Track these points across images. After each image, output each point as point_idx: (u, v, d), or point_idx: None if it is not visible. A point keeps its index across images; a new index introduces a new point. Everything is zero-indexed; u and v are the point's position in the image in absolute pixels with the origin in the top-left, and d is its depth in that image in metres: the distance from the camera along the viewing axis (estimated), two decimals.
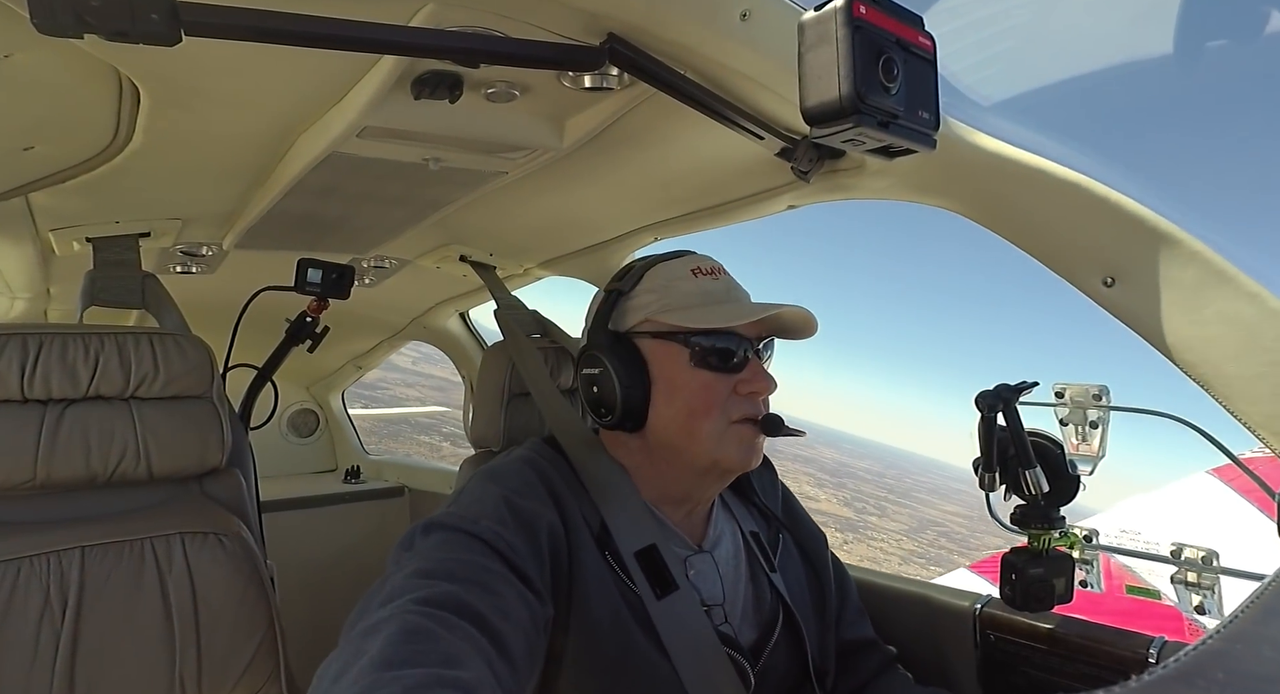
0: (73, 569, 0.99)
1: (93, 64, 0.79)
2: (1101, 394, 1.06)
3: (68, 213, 1.33)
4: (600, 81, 0.89)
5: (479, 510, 0.83)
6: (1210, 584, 1.02)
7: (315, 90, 0.93)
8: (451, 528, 0.79)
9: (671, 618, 0.87)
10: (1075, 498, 1.04)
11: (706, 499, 1.00)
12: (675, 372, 0.92)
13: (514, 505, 0.84)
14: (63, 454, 1.05)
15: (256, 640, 1.09)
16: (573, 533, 0.88)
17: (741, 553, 1.02)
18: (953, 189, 0.97)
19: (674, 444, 0.93)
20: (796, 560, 1.07)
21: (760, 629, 0.98)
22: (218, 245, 1.64)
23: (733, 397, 0.92)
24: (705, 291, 0.95)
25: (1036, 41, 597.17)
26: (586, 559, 0.87)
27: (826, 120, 0.57)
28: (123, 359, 1.09)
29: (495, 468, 0.94)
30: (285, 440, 2.99)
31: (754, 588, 1.00)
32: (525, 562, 0.79)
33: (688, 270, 0.97)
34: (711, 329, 0.91)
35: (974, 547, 36.57)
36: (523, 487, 0.89)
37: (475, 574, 0.73)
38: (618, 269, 1.06)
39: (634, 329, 0.96)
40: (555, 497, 0.90)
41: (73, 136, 1.03)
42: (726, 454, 0.91)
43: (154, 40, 0.57)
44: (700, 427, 0.90)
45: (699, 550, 0.97)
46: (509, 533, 0.80)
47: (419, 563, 0.73)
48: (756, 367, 0.94)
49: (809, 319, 0.94)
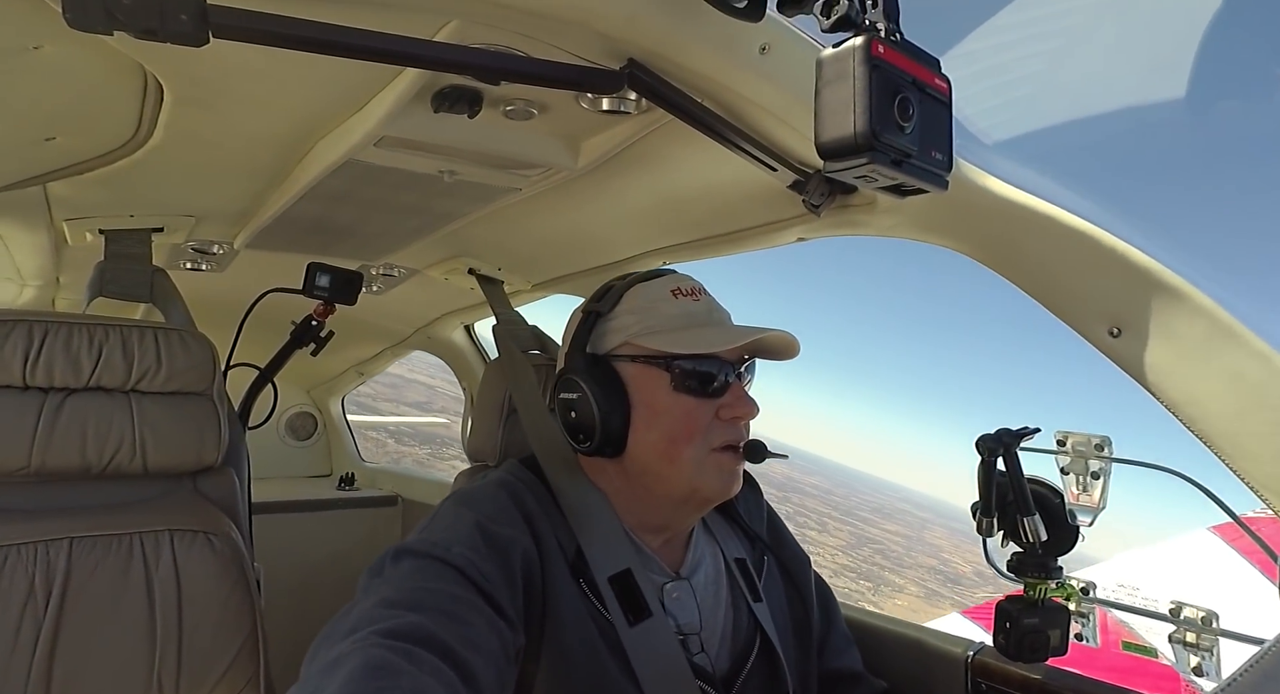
0: (60, 559, 0.99)
1: (119, 60, 0.81)
2: (1104, 444, 1.05)
3: (84, 204, 1.34)
4: (618, 105, 0.89)
5: (451, 536, 0.81)
6: (1209, 645, 1.00)
7: (336, 97, 0.94)
8: (423, 554, 0.77)
9: (644, 646, 0.85)
10: (1074, 548, 1.02)
11: (686, 527, 0.99)
12: (656, 397, 0.90)
13: (487, 531, 0.82)
14: (59, 443, 1.05)
15: (239, 643, 1.08)
16: (547, 559, 0.86)
17: (722, 577, 1.00)
18: (962, 230, 0.97)
19: (654, 471, 0.91)
20: (779, 583, 1.06)
21: (735, 659, 0.95)
22: (229, 244, 1.65)
23: (714, 422, 0.90)
24: (687, 313, 0.93)
25: (1052, 89, 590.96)
26: (560, 586, 0.85)
27: (840, 155, 0.57)
28: (126, 351, 1.10)
29: (470, 492, 0.92)
30: (282, 442, 2.98)
31: (733, 614, 0.98)
32: (497, 589, 0.77)
33: (668, 291, 0.95)
34: (684, 354, 0.89)
35: (907, 564, 38.29)
36: (497, 512, 0.87)
37: (444, 603, 0.71)
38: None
39: (613, 352, 0.93)
40: (530, 522, 0.88)
41: (95, 129, 1.04)
42: (706, 482, 0.89)
43: (182, 40, 0.58)
44: (681, 453, 0.88)
45: (676, 578, 0.95)
46: (481, 559, 0.78)
47: (387, 591, 0.72)
48: (739, 391, 0.92)
49: (790, 342, 0.93)
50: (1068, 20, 72.98)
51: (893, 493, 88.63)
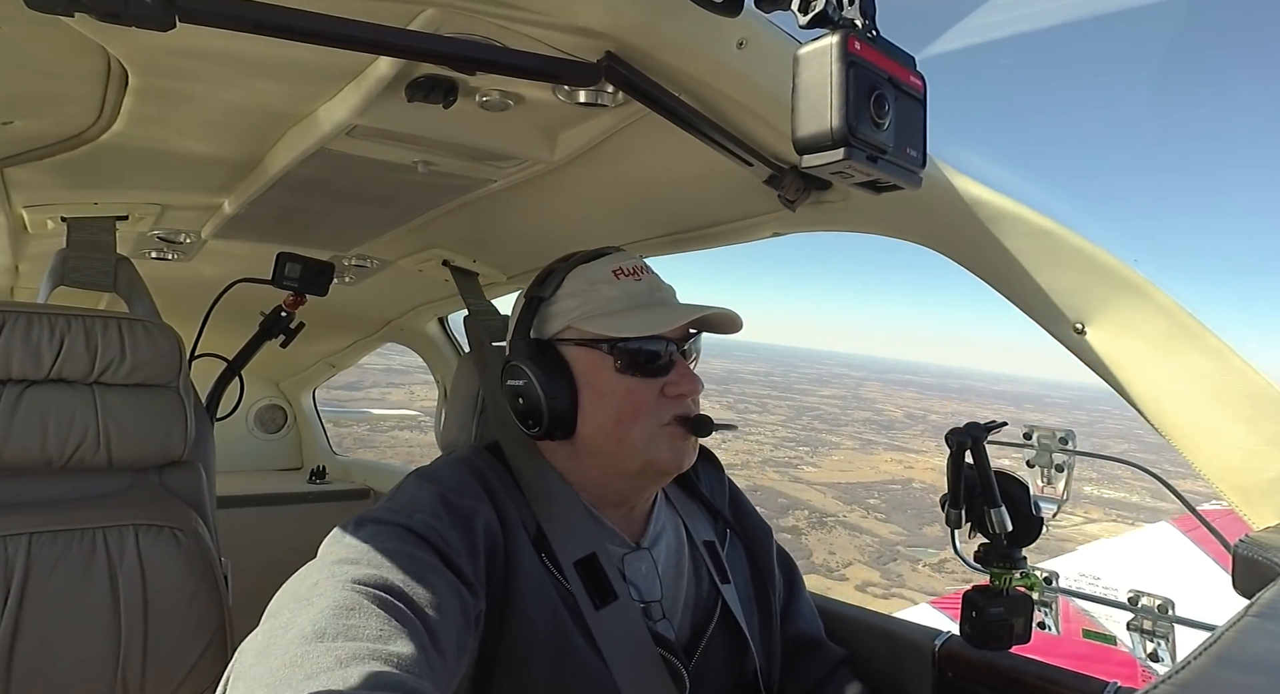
0: (18, 555, 0.96)
1: (81, 43, 0.78)
2: (1067, 438, 1.07)
3: (44, 190, 1.30)
4: (595, 97, 0.89)
5: (413, 505, 0.82)
6: (1165, 632, 1.04)
7: (308, 85, 0.92)
8: (385, 521, 0.78)
9: (609, 625, 0.87)
10: (1038, 539, 1.05)
11: (645, 499, 1.00)
12: (601, 379, 0.91)
13: (449, 502, 0.84)
14: (18, 435, 1.02)
15: (206, 640, 1.06)
16: (510, 533, 0.87)
17: (684, 549, 1.02)
18: (933, 228, 0.99)
19: (605, 450, 0.92)
20: (741, 556, 1.07)
21: (695, 628, 0.97)
22: (196, 233, 1.62)
23: (660, 399, 0.91)
24: (628, 294, 0.94)
25: (1024, 87, 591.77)
26: (524, 560, 0.86)
27: (816, 150, 0.58)
28: (89, 342, 1.07)
29: (431, 469, 0.93)
30: (251, 435, 2.94)
31: (695, 584, 1.00)
32: (458, 554, 0.78)
33: (609, 272, 0.95)
34: (626, 336, 0.91)
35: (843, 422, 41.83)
36: (459, 486, 0.88)
37: (405, 564, 0.72)
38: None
39: (557, 336, 0.94)
40: (492, 496, 0.89)
41: (55, 114, 1.01)
42: (659, 456, 0.91)
43: (147, 24, 0.56)
44: (629, 432, 0.90)
45: (636, 548, 0.96)
46: (443, 526, 0.80)
47: (348, 553, 0.73)
48: (683, 368, 0.93)
49: (732, 318, 0.95)
50: (1040, 20, 74.71)
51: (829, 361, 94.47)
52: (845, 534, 23.88)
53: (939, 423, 44.01)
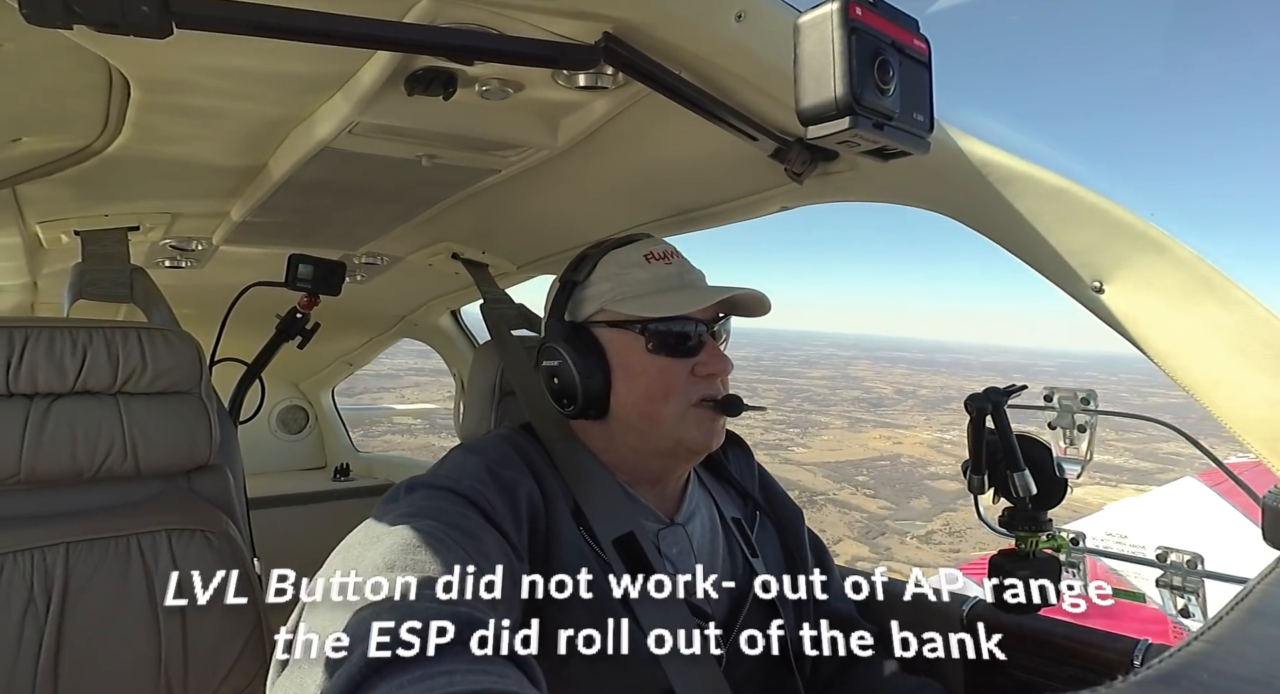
0: (57, 565, 0.98)
1: (82, 55, 0.79)
2: (1089, 399, 1.06)
3: (56, 205, 1.32)
4: (595, 80, 0.89)
5: (461, 473, 0.85)
6: (1194, 588, 1.03)
7: (308, 85, 0.92)
8: (435, 486, 0.81)
9: (649, 603, 0.88)
10: (1063, 501, 1.04)
11: (678, 477, 1.02)
12: (633, 359, 0.94)
13: (494, 472, 0.86)
14: (49, 449, 1.04)
15: (244, 639, 1.08)
16: (551, 505, 0.89)
17: (718, 528, 1.03)
18: (944, 193, 0.98)
19: (637, 428, 0.95)
20: (773, 538, 1.08)
21: (733, 605, 0.98)
22: (208, 240, 1.63)
23: (691, 379, 0.93)
24: (658, 278, 0.96)
25: (1034, 45, 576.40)
26: (564, 531, 0.88)
27: (821, 121, 0.57)
28: (110, 353, 1.08)
29: (475, 443, 0.96)
30: (274, 437, 2.97)
31: (730, 564, 1.01)
32: (504, 521, 0.81)
33: (640, 256, 0.97)
34: (656, 316, 0.93)
35: (833, 402, 42.40)
36: (502, 458, 0.91)
37: (459, 521, 0.75)
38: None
39: (590, 319, 0.97)
40: (534, 471, 0.92)
41: (62, 129, 1.02)
42: (689, 435, 0.93)
43: (144, 32, 0.56)
44: (660, 411, 0.93)
45: (671, 524, 0.98)
46: (490, 493, 0.82)
47: (404, 510, 0.76)
48: (713, 349, 0.95)
49: (761, 299, 0.97)
50: None
51: (820, 341, 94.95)
52: (835, 511, 24.27)
53: (928, 397, 44.34)
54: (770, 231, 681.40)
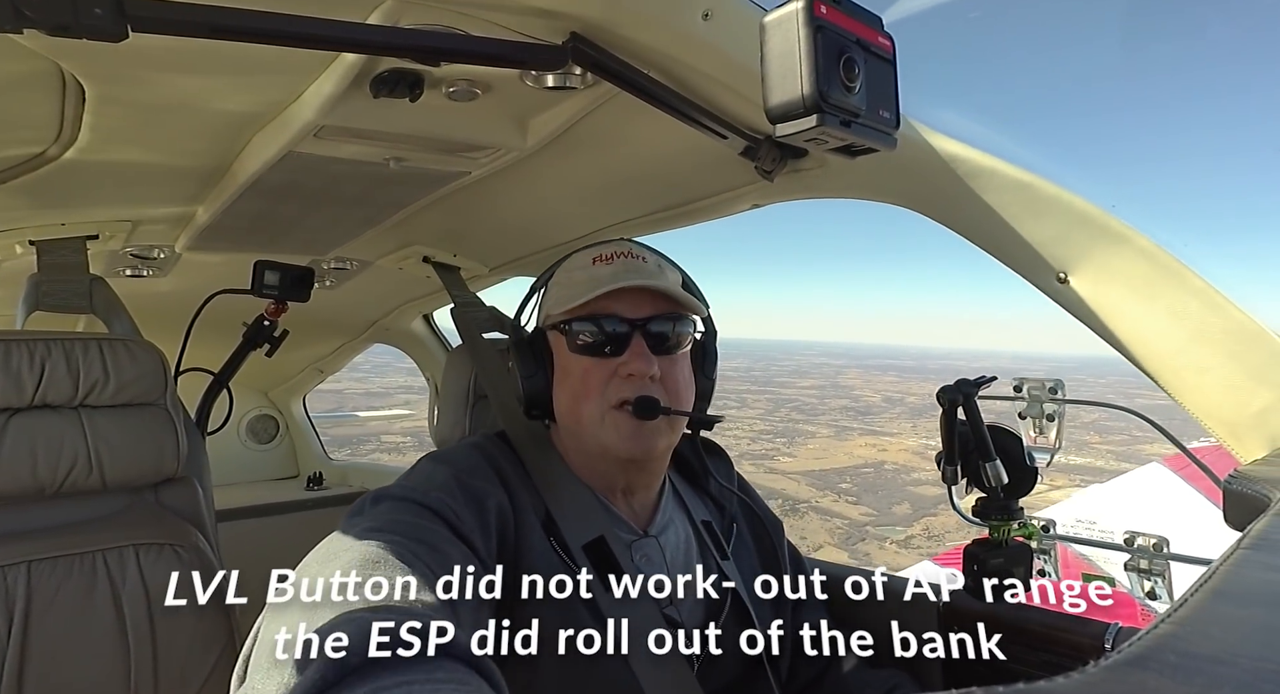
0: (18, 585, 0.95)
1: (34, 60, 0.77)
2: (1057, 388, 1.09)
3: (10, 215, 1.28)
4: (563, 81, 0.88)
5: (428, 484, 0.84)
6: (1161, 570, 1.06)
7: (270, 88, 0.91)
8: (400, 498, 0.80)
9: (619, 607, 0.87)
10: (1033, 489, 1.06)
11: (640, 486, 1.00)
12: (563, 360, 0.95)
13: (463, 482, 0.85)
14: (7, 464, 1.01)
15: (216, 653, 1.06)
16: (520, 515, 0.88)
17: (693, 541, 1.02)
18: (911, 188, 0.99)
19: (570, 430, 0.95)
20: (750, 551, 1.08)
21: (706, 615, 0.98)
22: (170, 247, 1.59)
23: (614, 380, 0.91)
24: (593, 278, 0.94)
25: (995, 40, 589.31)
26: (534, 542, 0.88)
27: (789, 119, 0.58)
28: (70, 365, 1.06)
29: (444, 452, 0.95)
30: (244, 447, 2.92)
31: (705, 575, 1.00)
32: (471, 532, 0.80)
33: (589, 259, 0.97)
34: (578, 315, 0.92)
35: (821, 411, 42.54)
36: (471, 468, 0.90)
37: (423, 535, 0.74)
38: None
39: (540, 324, 0.99)
40: (503, 480, 0.91)
41: (13, 135, 0.99)
42: (608, 439, 0.91)
43: (98, 35, 0.55)
44: (582, 411, 0.92)
45: (644, 535, 0.97)
46: (457, 505, 0.81)
47: (368, 524, 0.74)
48: (637, 349, 0.92)
49: (678, 294, 0.92)
50: None
51: (810, 351, 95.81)
52: (817, 519, 24.50)
53: (916, 404, 44.60)
54: (772, 234, 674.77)
